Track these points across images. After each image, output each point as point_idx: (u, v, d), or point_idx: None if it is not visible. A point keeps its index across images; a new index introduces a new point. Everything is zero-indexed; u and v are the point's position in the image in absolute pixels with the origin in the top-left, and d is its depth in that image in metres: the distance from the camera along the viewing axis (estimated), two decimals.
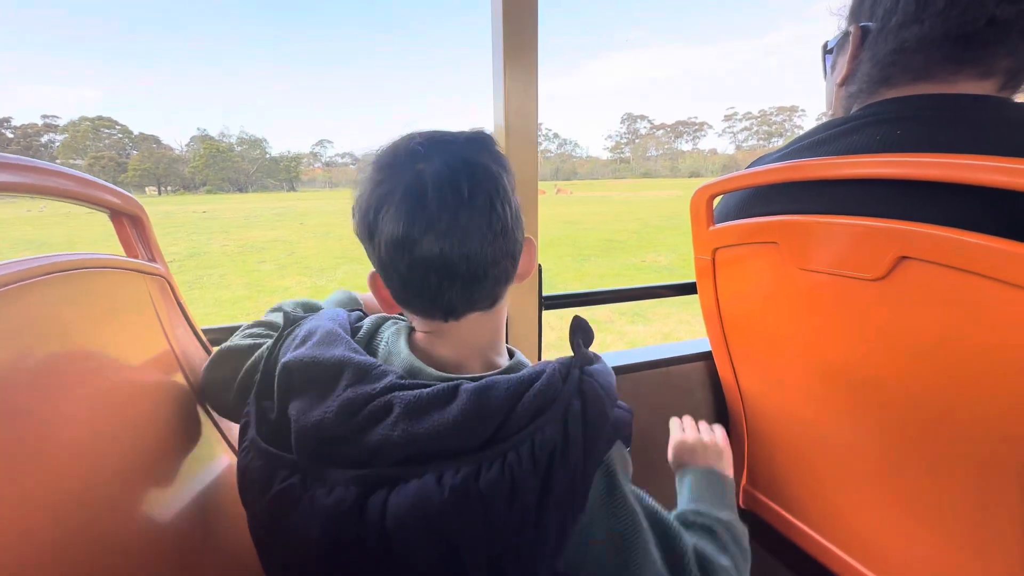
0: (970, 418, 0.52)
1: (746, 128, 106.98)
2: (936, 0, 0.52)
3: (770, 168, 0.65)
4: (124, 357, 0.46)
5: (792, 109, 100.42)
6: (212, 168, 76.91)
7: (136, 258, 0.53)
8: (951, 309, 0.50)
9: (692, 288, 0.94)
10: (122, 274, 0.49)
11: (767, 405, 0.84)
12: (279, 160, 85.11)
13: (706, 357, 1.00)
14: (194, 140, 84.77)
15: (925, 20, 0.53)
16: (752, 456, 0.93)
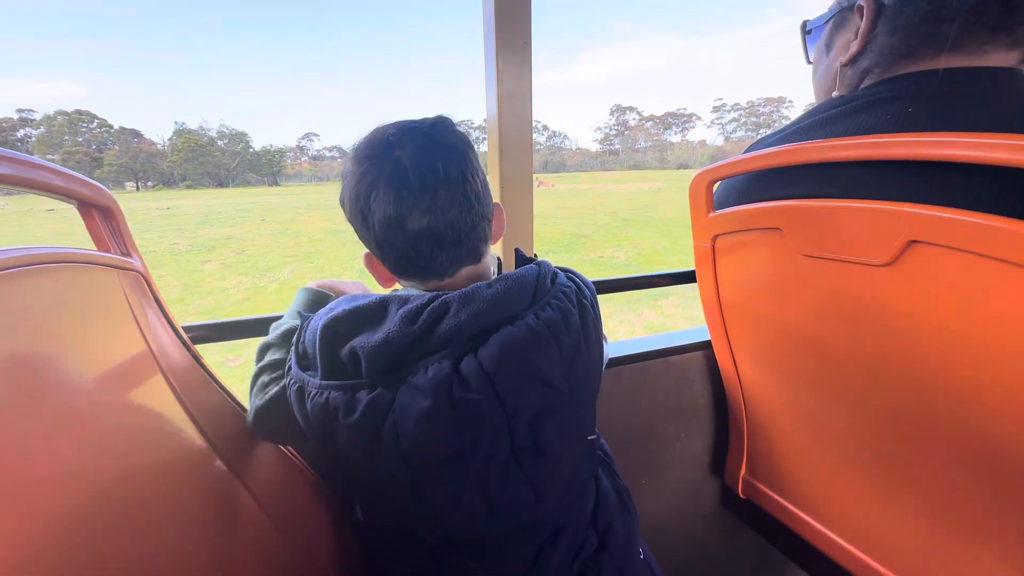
0: (981, 405, 0.51)
1: (734, 119, 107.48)
2: None
3: (772, 151, 0.63)
4: (96, 359, 0.43)
5: (780, 100, 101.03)
6: (191, 163, 75.35)
7: (108, 252, 0.50)
8: (963, 294, 0.49)
9: (691, 276, 0.92)
10: (92, 270, 0.45)
11: (767, 394, 0.83)
12: (261, 154, 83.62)
13: (705, 346, 0.98)
14: (176, 134, 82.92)
15: None
16: (752, 445, 0.92)
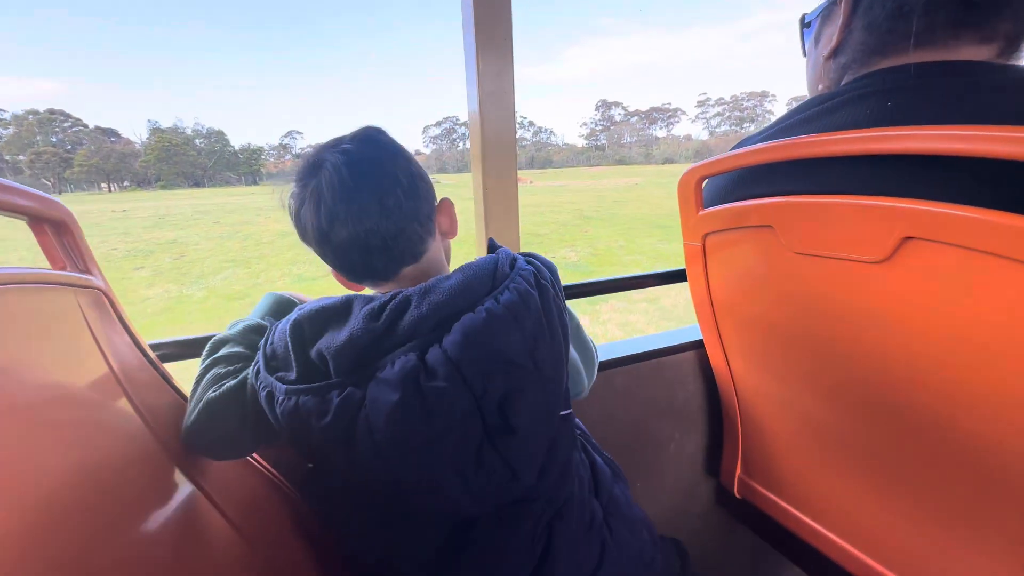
0: (976, 403, 0.51)
1: (719, 114, 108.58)
2: None
3: (762, 147, 0.61)
4: (50, 386, 0.39)
5: (763, 95, 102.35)
6: (165, 163, 73.39)
7: (63, 270, 0.46)
8: (960, 291, 0.48)
9: (682, 275, 0.91)
10: (44, 291, 0.42)
11: (761, 393, 0.82)
12: (239, 153, 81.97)
13: (698, 346, 0.97)
14: (151, 133, 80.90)
15: None
16: (746, 445, 0.91)
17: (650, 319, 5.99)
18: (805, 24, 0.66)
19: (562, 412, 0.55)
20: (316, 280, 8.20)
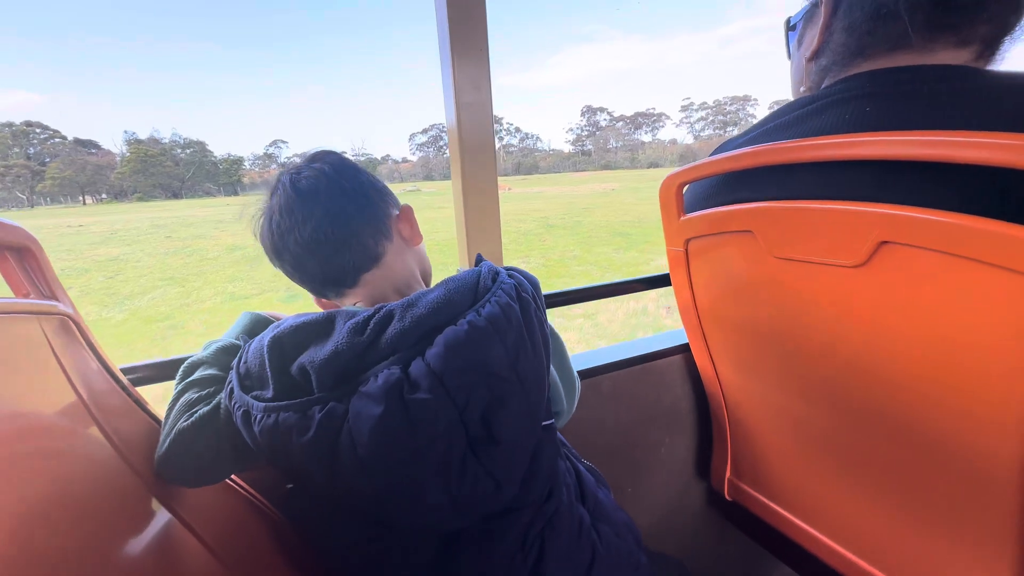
0: (955, 404, 0.51)
1: (702, 118, 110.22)
2: None
3: (740, 153, 0.62)
4: (16, 418, 0.38)
5: (745, 99, 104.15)
6: (141, 174, 71.80)
7: (27, 297, 0.44)
8: (937, 294, 0.48)
9: (666, 280, 0.91)
10: (7, 321, 0.40)
11: (747, 396, 0.83)
12: (219, 163, 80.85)
13: (684, 350, 0.98)
14: (127, 145, 79.38)
15: None
16: (735, 447, 0.92)
17: (583, 336, 5.89)
18: (790, 27, 0.67)
19: (544, 422, 0.55)
20: (248, 299, 7.82)
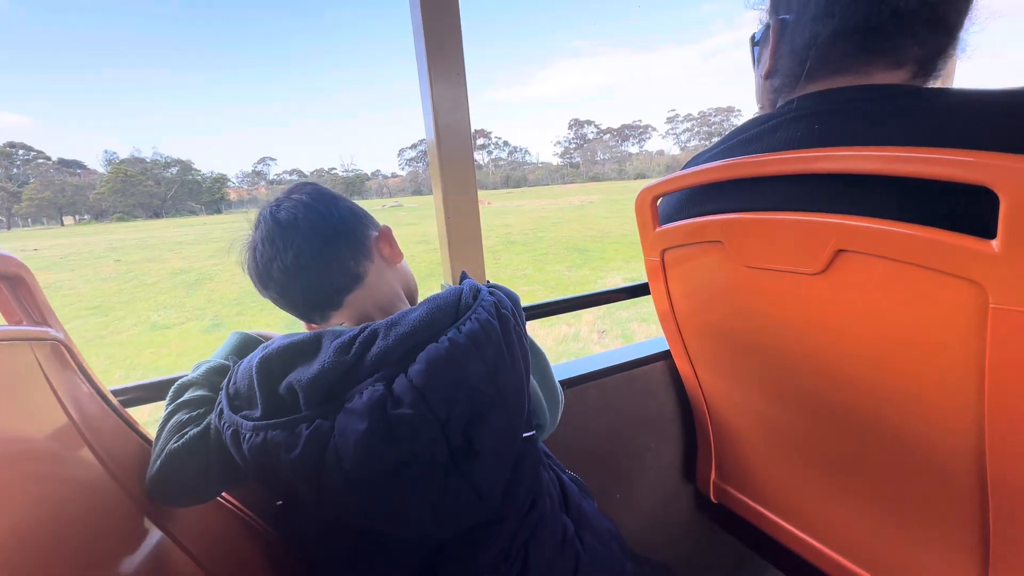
0: (913, 404, 0.54)
1: (688, 129, 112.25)
2: None
3: (708, 167, 0.65)
4: (10, 443, 0.39)
5: (729, 109, 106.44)
6: (120, 194, 70.86)
7: (19, 324, 0.46)
8: (888, 298, 0.51)
9: (645, 289, 0.94)
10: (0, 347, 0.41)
11: (728, 400, 0.85)
12: (202, 182, 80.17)
13: (667, 356, 1.00)
14: (121, 163, 78.61)
15: (836, 13, 0.54)
16: (719, 450, 0.94)
17: None
18: (755, 43, 0.69)
19: (525, 434, 0.56)
20: (169, 328, 7.53)
